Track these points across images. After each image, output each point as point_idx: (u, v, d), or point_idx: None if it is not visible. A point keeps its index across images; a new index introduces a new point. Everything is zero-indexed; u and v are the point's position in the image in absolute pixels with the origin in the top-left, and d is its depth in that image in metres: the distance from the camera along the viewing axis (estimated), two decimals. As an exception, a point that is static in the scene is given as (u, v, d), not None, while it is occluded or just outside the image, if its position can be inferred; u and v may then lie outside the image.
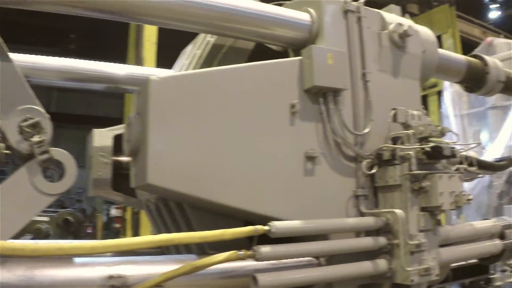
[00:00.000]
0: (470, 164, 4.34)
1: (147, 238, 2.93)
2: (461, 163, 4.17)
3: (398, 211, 3.64)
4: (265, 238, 3.10)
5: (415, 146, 3.73)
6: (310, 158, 3.63)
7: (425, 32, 4.75)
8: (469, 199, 3.87)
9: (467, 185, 8.95)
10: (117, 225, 13.43)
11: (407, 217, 3.66)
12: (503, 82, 5.69)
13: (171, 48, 5.57)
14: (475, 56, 5.67)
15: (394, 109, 3.94)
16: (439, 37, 13.90)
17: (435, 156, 3.70)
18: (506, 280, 6.74)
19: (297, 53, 3.93)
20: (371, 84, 4.05)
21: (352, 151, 3.85)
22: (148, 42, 9.50)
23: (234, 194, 3.33)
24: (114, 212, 14.64)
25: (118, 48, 11.91)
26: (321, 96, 3.74)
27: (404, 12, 4.87)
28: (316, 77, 3.63)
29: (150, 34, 9.59)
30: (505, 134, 8.86)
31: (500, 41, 9.91)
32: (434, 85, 13.11)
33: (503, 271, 6.93)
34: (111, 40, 15.41)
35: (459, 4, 16.24)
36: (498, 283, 6.43)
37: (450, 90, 9.81)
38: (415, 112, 3.98)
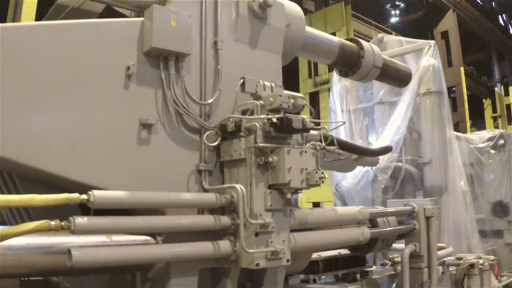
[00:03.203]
0: (331, 144, 4.12)
1: None
2: (320, 141, 3.94)
3: (239, 186, 3.35)
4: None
5: (261, 117, 3.46)
6: (145, 126, 3.30)
7: (292, 6, 4.52)
8: (321, 178, 3.59)
9: (351, 179, 8.96)
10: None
11: (251, 194, 3.40)
12: (380, 68, 5.58)
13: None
14: (351, 40, 5.51)
15: (242, 78, 3.65)
16: (333, 35, 13.96)
17: (283, 128, 3.43)
18: (386, 273, 6.62)
19: (146, 18, 3.60)
20: (223, 53, 3.77)
21: (195, 122, 3.55)
22: (26, 20, 8.86)
23: (56, 160, 2.96)
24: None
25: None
26: (162, 60, 3.43)
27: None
28: (154, 39, 3.31)
29: (28, 12, 8.97)
30: (391, 129, 8.93)
31: (390, 38, 10.08)
32: (326, 82, 13.15)
33: (383, 264, 6.84)
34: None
35: (359, 6, 16.46)
36: (374, 276, 6.28)
37: (338, 85, 9.78)
38: (268, 83, 3.68)
